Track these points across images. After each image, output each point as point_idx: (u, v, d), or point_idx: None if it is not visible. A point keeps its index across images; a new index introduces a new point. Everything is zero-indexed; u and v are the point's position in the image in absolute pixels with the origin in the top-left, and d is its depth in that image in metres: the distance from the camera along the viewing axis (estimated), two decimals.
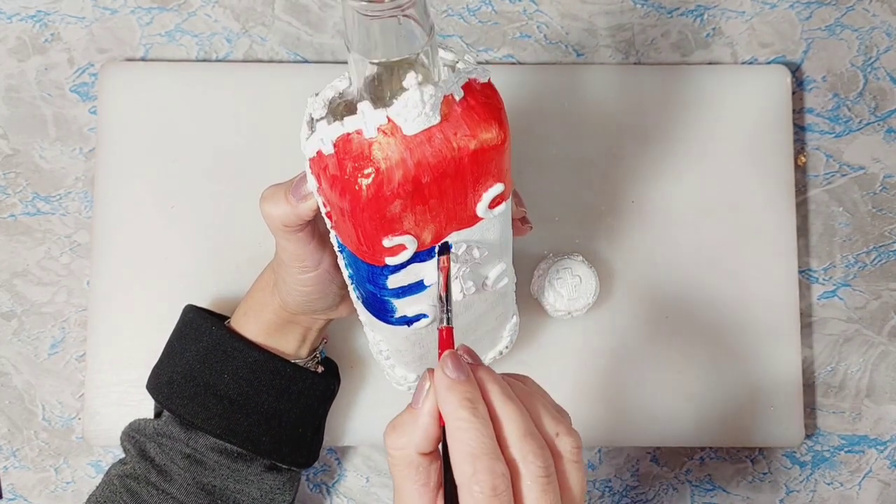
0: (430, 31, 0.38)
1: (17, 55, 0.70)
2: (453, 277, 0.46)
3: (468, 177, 0.41)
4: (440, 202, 0.41)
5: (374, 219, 0.41)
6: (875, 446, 0.68)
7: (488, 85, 0.41)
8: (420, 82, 0.38)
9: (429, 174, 0.40)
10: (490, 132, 0.40)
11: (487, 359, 0.60)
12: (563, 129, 0.68)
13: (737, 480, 0.67)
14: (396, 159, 0.39)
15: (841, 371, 0.68)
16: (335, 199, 0.41)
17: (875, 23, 0.71)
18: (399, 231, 0.42)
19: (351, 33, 0.37)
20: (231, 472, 0.56)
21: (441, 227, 0.43)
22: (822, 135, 0.70)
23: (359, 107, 0.39)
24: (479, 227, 0.44)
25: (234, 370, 0.55)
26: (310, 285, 0.51)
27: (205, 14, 0.70)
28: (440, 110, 0.39)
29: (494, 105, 0.41)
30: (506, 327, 0.58)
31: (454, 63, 0.41)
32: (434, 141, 0.39)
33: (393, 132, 0.39)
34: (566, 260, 0.64)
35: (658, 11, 0.71)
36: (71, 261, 0.68)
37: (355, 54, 0.38)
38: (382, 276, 0.45)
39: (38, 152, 0.69)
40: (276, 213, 0.47)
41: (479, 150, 0.40)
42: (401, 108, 0.38)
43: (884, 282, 0.69)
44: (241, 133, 0.67)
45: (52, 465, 0.67)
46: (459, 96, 0.40)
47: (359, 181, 0.39)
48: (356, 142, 0.39)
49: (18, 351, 0.67)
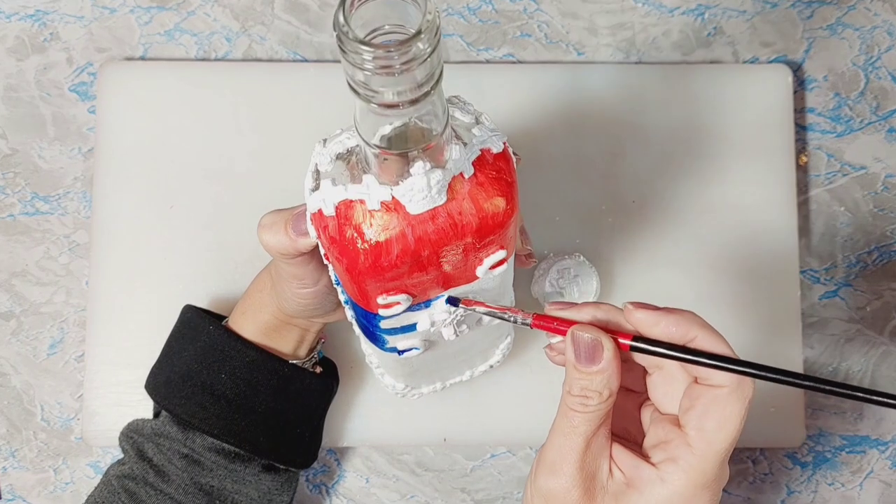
0: (444, 126, 0.36)
1: (16, 54, 0.69)
2: (445, 324, 0.45)
3: (469, 248, 0.40)
4: (438, 269, 0.41)
5: (369, 282, 0.40)
6: (876, 447, 0.68)
7: (501, 155, 0.40)
8: (428, 170, 0.37)
9: (429, 248, 0.39)
10: (497, 207, 0.39)
11: (478, 371, 0.59)
12: (563, 129, 0.68)
13: (738, 481, 0.67)
14: (397, 233, 0.38)
15: (842, 371, 0.68)
16: (333, 257, 0.40)
17: (877, 22, 0.71)
18: (395, 291, 0.41)
19: (362, 119, 0.36)
20: (228, 473, 0.56)
21: (439, 285, 0.42)
22: (824, 134, 0.70)
23: (364, 179, 0.38)
24: (477, 283, 0.43)
25: (232, 370, 0.55)
26: (308, 298, 0.51)
27: (204, 13, 0.70)
28: (447, 191, 0.38)
29: (505, 179, 0.40)
30: (499, 346, 0.58)
31: (470, 127, 0.40)
32: (438, 219, 0.38)
33: (396, 208, 0.38)
34: (566, 260, 0.64)
35: (659, 10, 0.71)
36: (70, 261, 0.68)
37: (363, 137, 0.37)
38: (376, 318, 0.44)
39: (36, 152, 0.69)
40: (273, 244, 0.46)
41: (482, 224, 0.39)
42: (406, 191, 0.37)
43: (885, 282, 0.69)
44: (241, 132, 0.67)
45: (50, 466, 0.66)
46: (469, 174, 0.39)
47: (357, 249, 0.39)
48: (358, 210, 0.38)
49: (17, 351, 0.67)
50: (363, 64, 0.32)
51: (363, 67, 0.32)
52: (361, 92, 0.33)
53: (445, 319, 0.44)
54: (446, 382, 0.59)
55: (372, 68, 0.32)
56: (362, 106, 0.34)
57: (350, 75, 0.33)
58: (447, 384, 0.59)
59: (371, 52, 0.31)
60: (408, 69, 0.32)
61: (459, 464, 0.67)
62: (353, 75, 0.33)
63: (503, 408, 0.65)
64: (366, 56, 0.31)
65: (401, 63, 0.32)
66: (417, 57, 0.32)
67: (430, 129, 0.36)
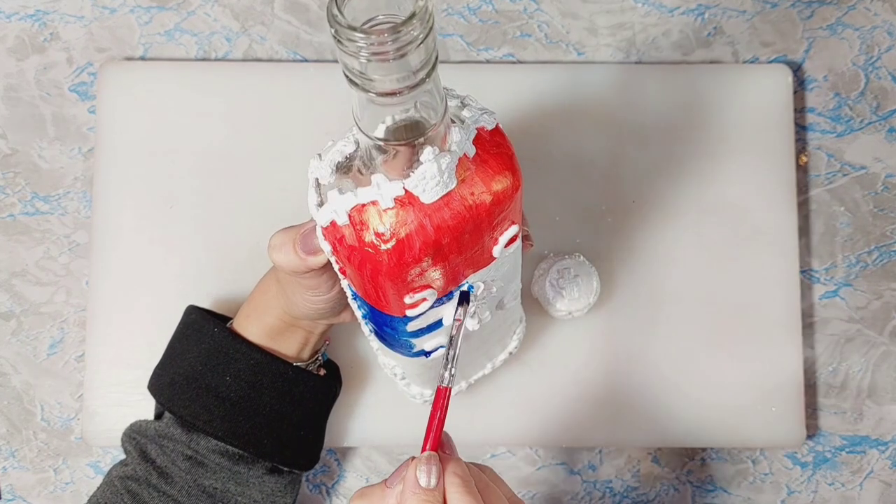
0: (444, 111, 0.37)
1: (16, 54, 0.69)
2: (470, 315, 0.45)
3: (485, 227, 0.40)
4: (460, 255, 0.41)
5: (395, 282, 0.40)
6: (876, 447, 0.68)
7: (496, 131, 0.40)
8: (437, 154, 0.37)
9: (448, 235, 0.39)
10: (504, 182, 0.40)
11: (498, 361, 0.60)
12: (563, 129, 0.68)
13: (738, 481, 0.67)
14: (415, 226, 0.38)
15: (842, 371, 0.68)
16: (353, 266, 0.40)
17: (876, 22, 0.71)
18: (420, 288, 0.41)
19: (362, 113, 0.36)
20: (232, 475, 0.56)
21: (459, 273, 0.42)
22: (824, 134, 0.70)
23: (372, 179, 0.38)
24: (495, 264, 0.44)
25: (236, 372, 0.55)
26: (321, 304, 0.51)
27: (204, 13, 0.70)
28: (456, 174, 0.38)
29: (506, 153, 0.40)
30: (514, 331, 0.58)
31: (458, 110, 0.40)
32: (452, 204, 0.38)
33: (410, 202, 0.38)
34: (567, 260, 0.64)
35: (659, 10, 0.71)
36: (70, 261, 0.68)
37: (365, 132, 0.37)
38: (402, 322, 0.44)
39: (36, 152, 0.69)
40: (285, 264, 0.46)
41: (494, 201, 0.40)
42: (419, 181, 0.37)
43: (885, 282, 0.69)
44: (241, 132, 0.67)
45: (51, 466, 0.66)
46: (472, 153, 0.39)
47: (379, 251, 0.39)
48: (372, 212, 0.38)
49: (17, 351, 0.67)
50: (358, 52, 0.32)
51: (359, 56, 0.32)
52: (359, 82, 0.34)
53: (470, 307, 0.44)
54: (470, 380, 0.59)
55: (367, 55, 0.32)
56: (361, 98, 0.35)
57: (347, 66, 0.33)
58: (471, 381, 0.60)
59: (365, 38, 0.32)
60: (402, 54, 0.32)
61: None
62: (351, 66, 0.33)
63: (503, 408, 0.65)
64: (360, 43, 0.32)
65: (395, 49, 0.32)
66: (411, 42, 0.32)
67: (431, 116, 0.36)
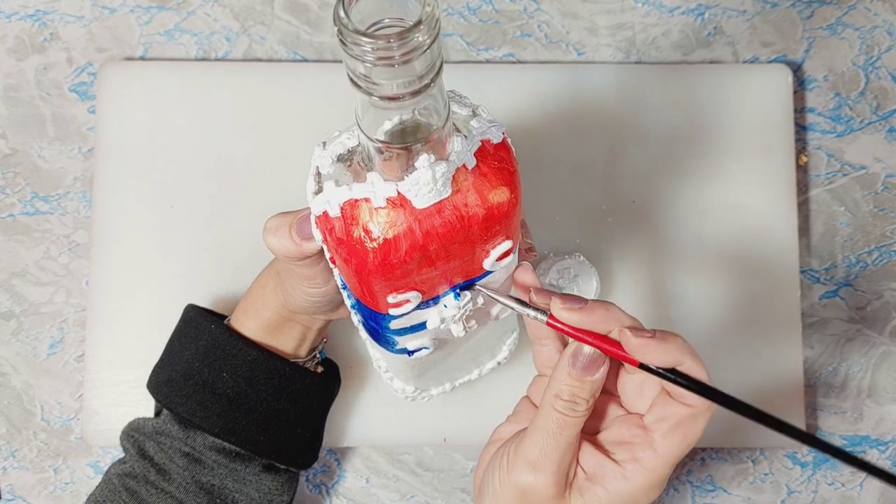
0: (445, 118, 0.36)
1: (16, 54, 0.69)
2: (455, 320, 0.45)
3: (477, 239, 0.40)
4: (447, 263, 0.40)
5: (379, 281, 0.40)
6: (877, 447, 0.68)
7: (502, 146, 0.40)
8: (432, 162, 0.37)
9: (437, 242, 0.39)
10: (501, 197, 0.39)
11: (486, 368, 0.59)
12: (563, 129, 0.68)
13: (738, 481, 0.67)
14: (404, 229, 0.38)
15: (842, 371, 0.68)
16: (340, 258, 0.40)
17: (877, 22, 0.71)
18: (404, 289, 0.41)
19: (363, 114, 0.36)
20: (229, 472, 0.56)
21: (447, 280, 0.42)
22: (824, 134, 0.70)
23: (368, 177, 0.38)
24: (485, 276, 0.43)
25: (233, 368, 0.55)
26: (318, 297, 0.51)
27: (204, 13, 0.70)
28: (451, 184, 0.38)
29: (507, 169, 0.40)
30: (505, 342, 0.58)
31: (468, 120, 0.40)
32: (444, 212, 0.38)
33: (402, 204, 0.38)
34: (567, 259, 0.64)
35: (659, 10, 0.71)
36: (70, 261, 0.68)
37: (366, 133, 0.37)
38: (385, 319, 0.44)
39: (36, 152, 0.69)
40: (278, 248, 0.46)
41: (488, 215, 0.39)
42: (412, 185, 0.37)
43: (885, 282, 0.69)
44: (241, 132, 0.67)
45: (50, 466, 0.66)
46: (472, 165, 0.38)
47: (365, 248, 0.38)
48: (364, 209, 0.38)
49: (17, 351, 0.67)
50: (364, 56, 0.32)
51: (364, 59, 0.32)
52: (363, 85, 0.33)
53: (455, 315, 0.44)
54: (455, 382, 0.59)
55: (372, 60, 0.32)
56: (364, 100, 0.35)
57: (351, 69, 0.33)
58: (456, 384, 0.59)
59: (371, 42, 0.31)
60: (408, 60, 0.32)
61: (459, 464, 0.67)
62: (355, 68, 0.33)
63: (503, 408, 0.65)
64: (366, 47, 0.32)
65: (401, 54, 0.32)
66: (417, 48, 0.32)
67: (432, 122, 0.36)
